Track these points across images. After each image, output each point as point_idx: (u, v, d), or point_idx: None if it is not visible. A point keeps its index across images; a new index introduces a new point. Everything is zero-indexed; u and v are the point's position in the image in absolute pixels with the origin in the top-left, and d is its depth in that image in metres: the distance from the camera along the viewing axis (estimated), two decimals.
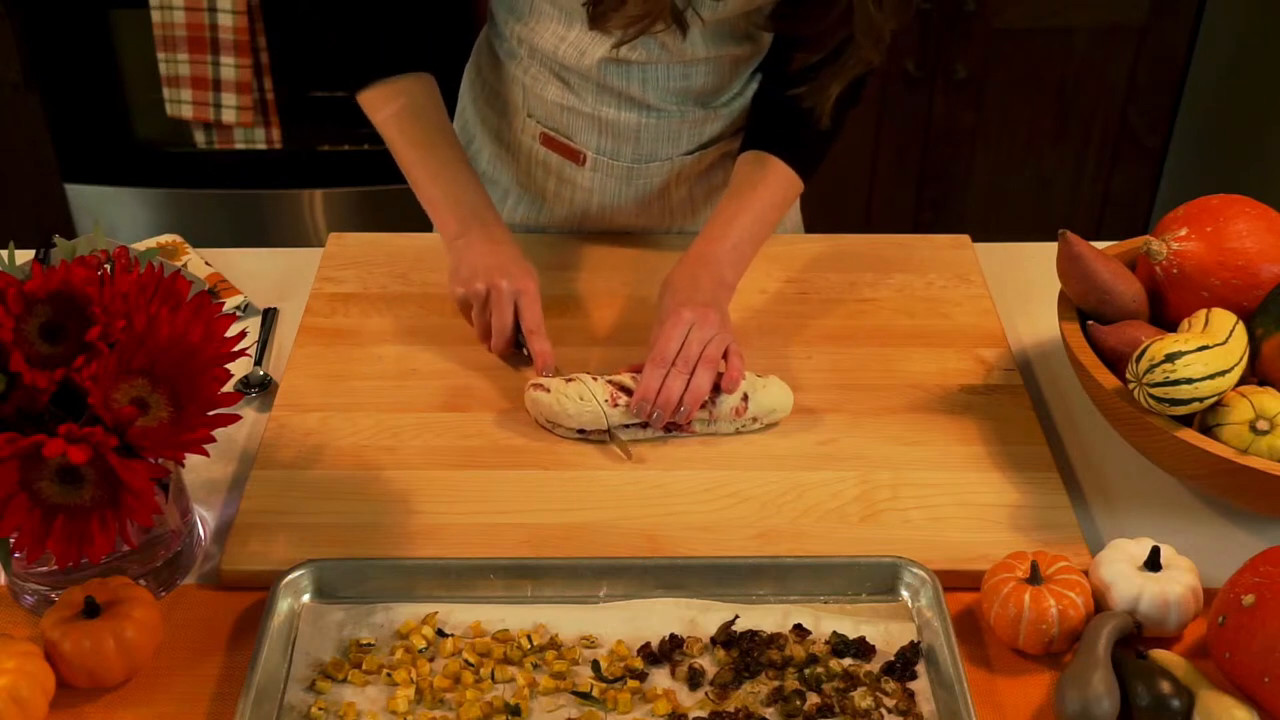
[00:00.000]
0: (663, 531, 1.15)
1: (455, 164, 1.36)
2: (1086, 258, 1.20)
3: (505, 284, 1.29)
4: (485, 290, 1.30)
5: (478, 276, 1.30)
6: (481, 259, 1.30)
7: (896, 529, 1.15)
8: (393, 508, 1.17)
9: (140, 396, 0.97)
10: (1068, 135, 2.70)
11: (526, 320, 1.29)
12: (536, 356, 1.29)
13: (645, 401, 1.22)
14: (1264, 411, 1.08)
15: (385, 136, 1.37)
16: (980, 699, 1.00)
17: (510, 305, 1.29)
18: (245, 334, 1.02)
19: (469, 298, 1.31)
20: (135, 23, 2.43)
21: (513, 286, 1.29)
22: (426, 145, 1.36)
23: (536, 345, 1.29)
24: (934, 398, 1.30)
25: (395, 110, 1.35)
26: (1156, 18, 2.57)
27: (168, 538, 1.09)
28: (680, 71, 1.37)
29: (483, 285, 1.29)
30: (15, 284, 0.96)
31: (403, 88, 1.36)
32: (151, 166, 2.64)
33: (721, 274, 1.30)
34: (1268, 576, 0.99)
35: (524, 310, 1.29)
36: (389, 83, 1.35)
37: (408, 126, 1.36)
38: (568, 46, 1.36)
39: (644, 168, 1.45)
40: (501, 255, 1.31)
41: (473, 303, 1.31)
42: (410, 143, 1.36)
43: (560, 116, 1.43)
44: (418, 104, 1.36)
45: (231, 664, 1.04)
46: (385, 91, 1.35)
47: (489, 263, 1.30)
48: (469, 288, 1.30)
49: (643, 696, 1.00)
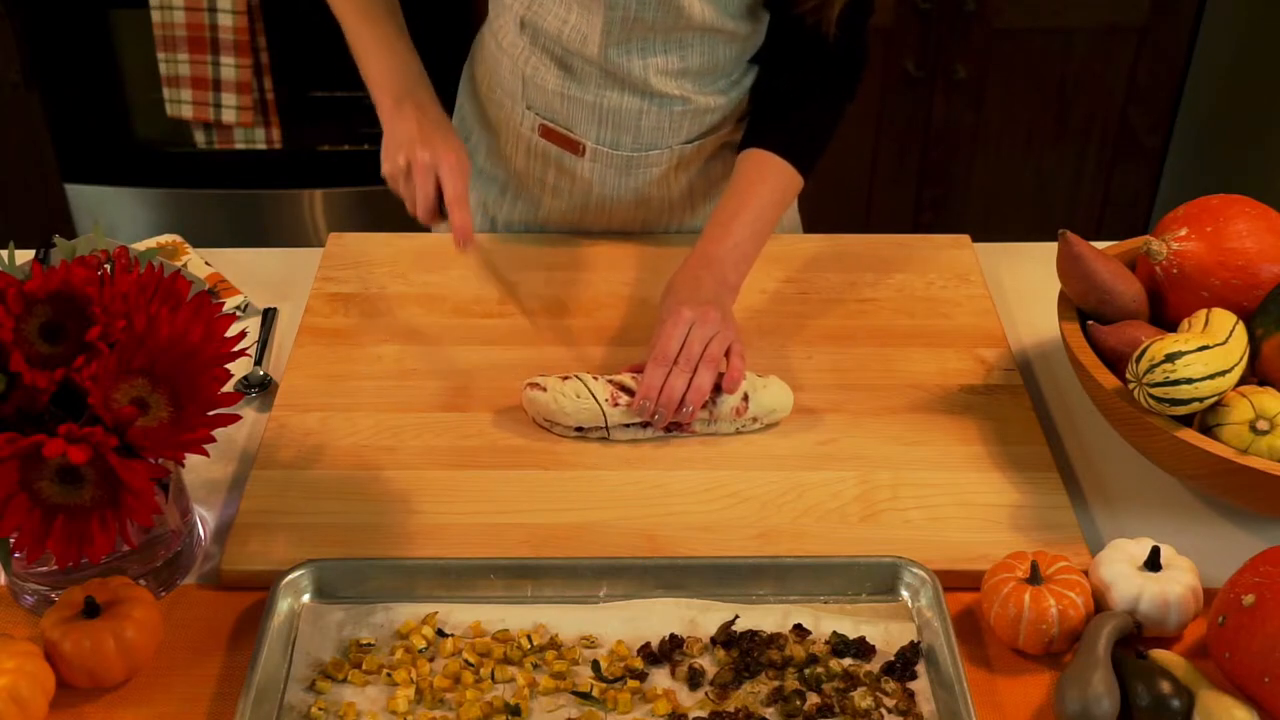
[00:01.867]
0: (663, 531, 1.15)
1: (395, 39, 1.40)
2: (1086, 258, 1.20)
3: (425, 155, 1.32)
4: (406, 163, 1.33)
5: (400, 149, 1.33)
6: (407, 132, 1.33)
7: (896, 529, 1.15)
8: (393, 508, 1.17)
9: (140, 396, 0.97)
10: (1068, 135, 2.70)
11: (447, 191, 1.31)
12: (454, 228, 1.31)
13: (648, 400, 1.22)
14: (1264, 411, 1.08)
15: (335, 10, 1.41)
16: (980, 699, 1.00)
17: (430, 176, 1.32)
18: (245, 334, 1.02)
19: (393, 172, 1.34)
20: (135, 23, 2.43)
21: (433, 158, 1.31)
22: (371, 19, 1.39)
23: (455, 217, 1.31)
24: (934, 398, 1.30)
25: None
26: (1156, 18, 2.57)
27: (168, 538, 1.09)
28: (678, 50, 1.37)
29: (404, 158, 1.33)
30: (15, 284, 0.96)
31: None
32: (151, 166, 2.64)
33: (724, 274, 1.30)
34: (1268, 576, 0.99)
35: (445, 181, 1.32)
36: None
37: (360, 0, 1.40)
38: (570, 30, 1.36)
39: (643, 156, 1.45)
40: (426, 129, 1.34)
41: (398, 176, 1.34)
42: (357, 15, 1.39)
43: (560, 106, 1.43)
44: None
45: (231, 664, 1.04)
46: None
47: (413, 134, 1.33)
48: (393, 163, 1.34)
49: (643, 696, 1.00)
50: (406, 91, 1.37)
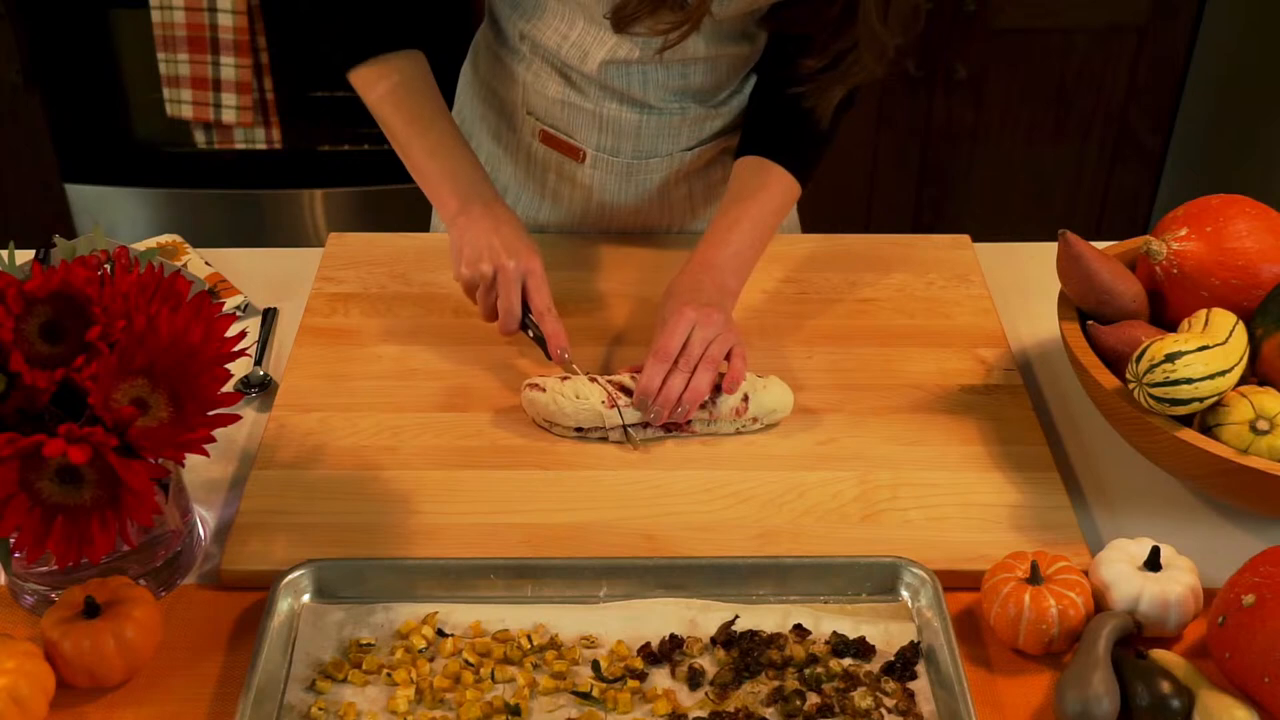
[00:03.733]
0: (663, 531, 1.15)
1: (452, 140, 1.35)
2: (1086, 258, 1.20)
3: (512, 264, 1.27)
4: (492, 272, 1.27)
5: (482, 257, 1.27)
6: (485, 238, 1.28)
7: (896, 529, 1.15)
8: (392, 508, 1.17)
9: (140, 396, 0.97)
10: (1068, 135, 2.70)
11: (535, 302, 1.28)
12: (550, 338, 1.27)
13: (646, 397, 1.21)
14: (1264, 411, 1.08)
15: (379, 116, 1.36)
16: (980, 699, 1.00)
17: (518, 286, 1.27)
18: (245, 334, 1.02)
19: (475, 280, 1.29)
20: (135, 23, 2.44)
21: (520, 267, 1.27)
22: (422, 122, 1.34)
23: (549, 326, 1.27)
24: (934, 398, 1.30)
25: (389, 88, 1.34)
26: (1156, 18, 2.57)
27: (168, 538, 1.09)
28: (679, 71, 1.38)
29: (489, 266, 1.27)
30: (15, 284, 0.96)
31: (396, 65, 1.34)
32: (151, 166, 2.64)
33: (724, 280, 1.30)
34: (1268, 576, 0.99)
35: (532, 292, 1.28)
36: (381, 60, 1.34)
37: (403, 103, 1.34)
38: (570, 46, 1.36)
39: (643, 164, 1.45)
40: (505, 234, 1.29)
41: (478, 284, 1.29)
42: (405, 120, 1.34)
43: (561, 113, 1.43)
44: (411, 81, 1.35)
45: (231, 664, 1.04)
46: (378, 69, 1.34)
47: (493, 242, 1.28)
48: (474, 269, 1.28)
49: (643, 696, 1.00)
50: (472, 190, 1.32)
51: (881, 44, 1.24)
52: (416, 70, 1.35)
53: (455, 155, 1.34)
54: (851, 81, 1.29)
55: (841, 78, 1.28)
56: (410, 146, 1.34)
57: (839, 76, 1.28)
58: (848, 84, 1.29)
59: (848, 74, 1.28)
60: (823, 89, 1.29)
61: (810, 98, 1.31)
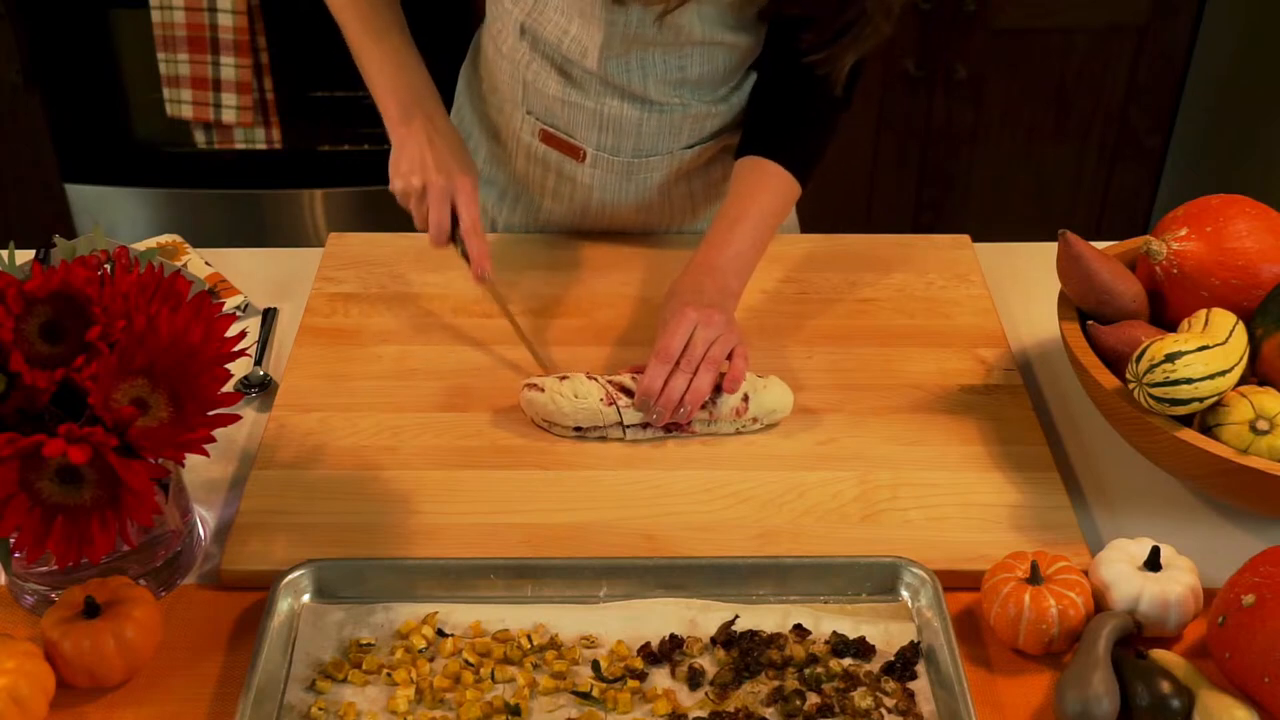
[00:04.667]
0: (663, 531, 1.15)
1: (403, 51, 1.38)
2: (1086, 258, 1.20)
3: (441, 180, 1.31)
4: (421, 185, 1.31)
5: (414, 171, 1.32)
6: (419, 151, 1.32)
7: (896, 529, 1.15)
8: (392, 508, 1.17)
9: (140, 396, 0.97)
10: (1068, 135, 2.70)
11: (462, 218, 1.31)
12: (472, 256, 1.30)
13: (648, 397, 1.22)
14: (1264, 411, 1.08)
15: (340, 22, 1.39)
16: (980, 699, 1.00)
17: (446, 202, 1.31)
18: (245, 334, 1.02)
19: (406, 191, 1.33)
20: (135, 23, 2.43)
21: (449, 182, 1.31)
22: (376, 32, 1.38)
23: (473, 245, 1.30)
24: (934, 398, 1.30)
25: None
26: (1156, 18, 2.57)
27: (168, 538, 1.09)
28: (676, 62, 1.37)
29: (419, 180, 1.31)
30: (15, 284, 0.96)
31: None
32: (151, 166, 2.64)
33: (726, 282, 1.30)
34: (1268, 576, 0.99)
35: (460, 208, 1.31)
36: None
37: (362, 10, 1.38)
38: (570, 41, 1.36)
39: (644, 162, 1.45)
40: (439, 148, 1.32)
41: (410, 196, 1.33)
42: (362, 29, 1.38)
43: (561, 112, 1.43)
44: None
45: (231, 664, 1.04)
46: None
47: (426, 156, 1.32)
48: (405, 181, 1.32)
49: (643, 696, 1.00)
50: (415, 102, 1.35)
51: (888, 6, 1.25)
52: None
53: (404, 66, 1.37)
54: (864, 45, 1.29)
55: (854, 43, 1.29)
56: (362, 54, 1.38)
57: (851, 42, 1.29)
58: (861, 48, 1.30)
59: (859, 38, 1.28)
60: (836, 57, 1.30)
61: (824, 65, 1.31)
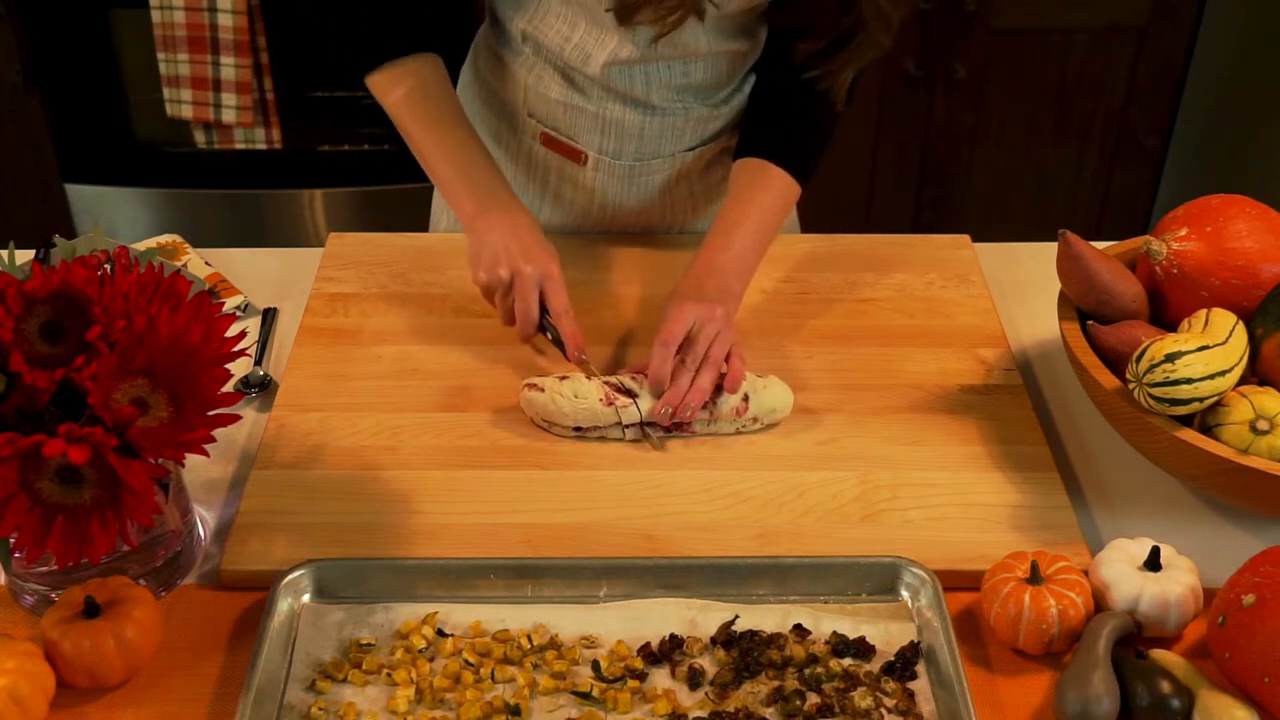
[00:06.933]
0: (663, 531, 1.15)
1: (469, 143, 1.35)
2: (1086, 258, 1.20)
3: (529, 270, 1.27)
4: (509, 276, 1.28)
5: (500, 262, 1.28)
6: (502, 242, 1.29)
7: (896, 529, 1.15)
8: (392, 508, 1.17)
9: (140, 396, 0.97)
10: (1068, 135, 2.70)
11: (553, 304, 1.28)
12: (567, 339, 1.28)
13: (659, 384, 1.22)
14: (1264, 411, 1.08)
15: (396, 119, 1.36)
16: (980, 699, 1.00)
17: (535, 291, 1.28)
18: (245, 334, 1.02)
19: (493, 284, 1.29)
20: (135, 23, 2.44)
21: (537, 271, 1.28)
22: (439, 126, 1.35)
23: (567, 329, 1.28)
24: (934, 398, 1.30)
25: (405, 91, 1.34)
26: (1156, 18, 2.57)
27: (168, 538, 1.09)
28: (681, 69, 1.38)
29: (506, 271, 1.28)
30: (15, 284, 0.96)
31: (412, 69, 1.35)
32: (151, 166, 2.64)
33: (727, 283, 1.30)
34: (1268, 576, 0.99)
35: (549, 295, 1.28)
36: (397, 64, 1.35)
37: (419, 107, 1.35)
38: (572, 48, 1.36)
39: (646, 165, 1.45)
40: (523, 238, 1.29)
41: (496, 289, 1.29)
42: (423, 125, 1.35)
43: (563, 115, 1.43)
44: (427, 85, 1.35)
45: (231, 664, 1.04)
46: (394, 73, 1.35)
47: (510, 246, 1.28)
48: (492, 274, 1.29)
49: (643, 696, 1.00)
50: (488, 193, 1.32)
51: (887, 17, 1.25)
52: (432, 74, 1.36)
53: (472, 158, 1.34)
54: (862, 58, 1.29)
55: (852, 56, 1.29)
56: (426, 150, 1.35)
57: (850, 56, 1.29)
58: (859, 61, 1.30)
59: (857, 51, 1.28)
60: (835, 71, 1.30)
61: (824, 80, 1.31)
